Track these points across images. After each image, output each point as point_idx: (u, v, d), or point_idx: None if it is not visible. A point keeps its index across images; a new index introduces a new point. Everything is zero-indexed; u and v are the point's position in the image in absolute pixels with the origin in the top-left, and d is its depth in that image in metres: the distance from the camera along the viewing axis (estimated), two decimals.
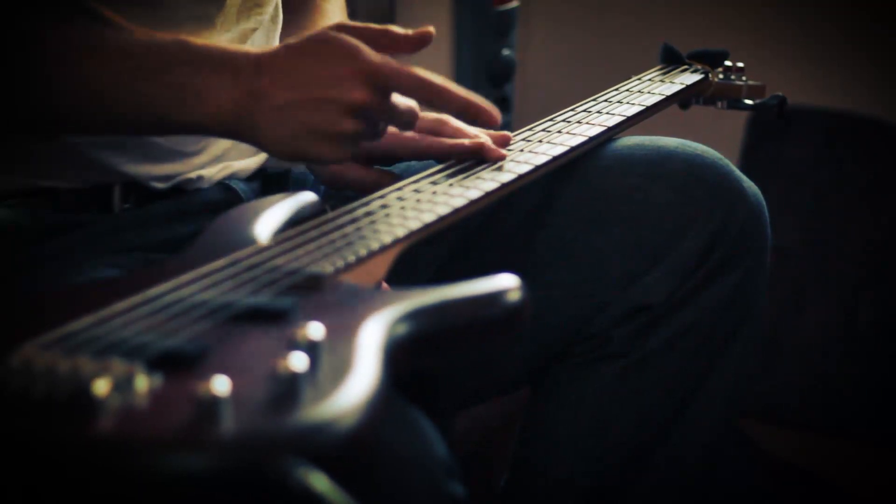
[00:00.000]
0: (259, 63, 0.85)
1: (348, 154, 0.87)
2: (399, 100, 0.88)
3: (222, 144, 1.03)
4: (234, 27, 1.01)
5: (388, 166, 1.03)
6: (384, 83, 0.85)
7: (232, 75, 0.84)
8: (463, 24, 1.20)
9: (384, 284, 0.81)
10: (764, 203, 1.07)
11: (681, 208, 1.03)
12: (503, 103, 1.95)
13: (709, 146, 1.09)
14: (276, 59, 0.85)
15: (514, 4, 1.94)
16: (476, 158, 0.95)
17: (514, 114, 1.98)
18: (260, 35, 1.04)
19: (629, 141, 1.08)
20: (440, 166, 0.94)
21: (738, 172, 1.07)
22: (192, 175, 1.01)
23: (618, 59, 1.15)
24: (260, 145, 0.87)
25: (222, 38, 0.99)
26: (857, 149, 2.01)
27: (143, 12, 0.93)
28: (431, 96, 0.87)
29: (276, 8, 1.06)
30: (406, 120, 0.89)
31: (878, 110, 1.99)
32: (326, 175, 1.05)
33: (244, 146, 1.06)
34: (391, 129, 0.96)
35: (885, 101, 2.00)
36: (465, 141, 0.96)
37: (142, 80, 0.85)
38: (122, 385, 0.57)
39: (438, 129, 0.99)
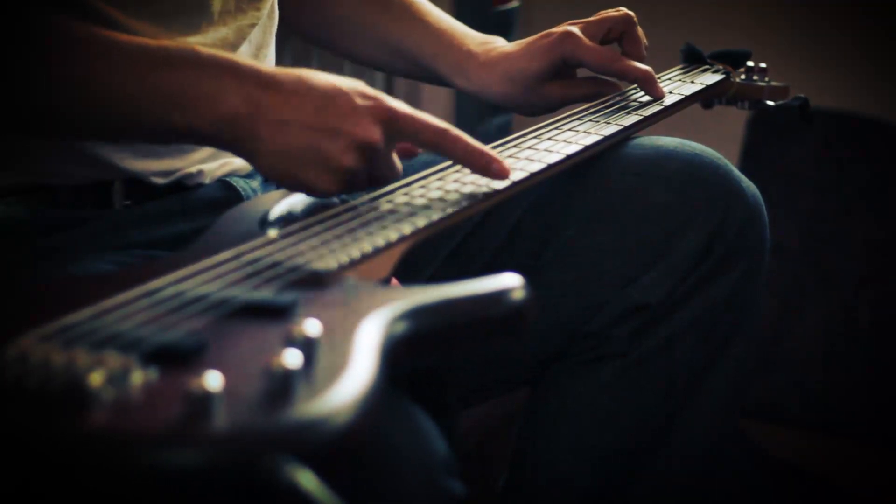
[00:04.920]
0: (269, 78, 0.84)
1: (335, 190, 0.85)
2: (396, 158, 0.88)
3: None
4: (232, 22, 1.01)
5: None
6: (398, 128, 0.85)
7: (236, 82, 0.83)
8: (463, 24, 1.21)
9: (394, 280, 0.81)
10: (762, 203, 1.07)
11: (679, 208, 1.03)
12: None
13: (709, 146, 1.08)
14: (289, 78, 0.84)
15: (514, 4, 1.94)
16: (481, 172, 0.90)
17: (514, 115, 1.98)
18: (257, 31, 1.04)
19: (628, 140, 1.08)
20: (448, 162, 0.93)
21: (736, 172, 1.07)
22: (192, 170, 1.01)
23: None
24: (253, 158, 0.85)
25: (219, 32, 0.99)
26: (857, 149, 2.01)
27: (139, 4, 0.93)
28: (446, 145, 0.87)
29: (272, 4, 1.06)
30: (393, 177, 0.88)
31: (878, 110, 1.99)
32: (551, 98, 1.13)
33: None
34: None
35: (885, 101, 2.00)
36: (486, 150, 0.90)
37: (143, 81, 0.84)
38: (117, 378, 0.57)
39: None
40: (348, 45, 1.21)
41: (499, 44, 1.16)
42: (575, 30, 1.11)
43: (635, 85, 1.13)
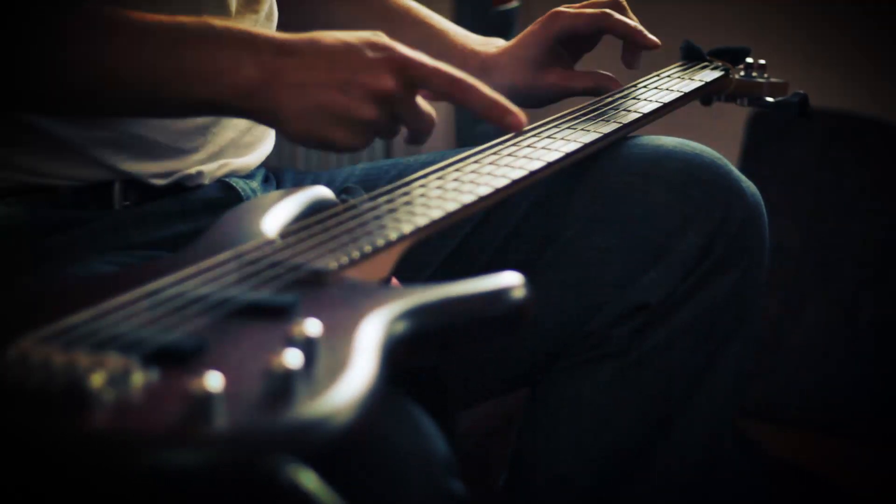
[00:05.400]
0: (284, 45, 0.85)
1: (362, 143, 0.86)
2: (422, 101, 0.88)
3: (220, 141, 1.04)
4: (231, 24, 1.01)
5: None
6: (413, 74, 0.85)
7: (252, 53, 0.84)
8: (463, 24, 1.20)
9: (394, 280, 0.81)
10: (762, 203, 1.07)
11: (679, 208, 1.03)
12: None
13: (709, 146, 1.08)
14: (302, 42, 0.85)
15: (514, 4, 1.94)
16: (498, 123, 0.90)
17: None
18: None
19: (628, 140, 1.08)
20: (448, 161, 0.94)
21: (736, 172, 1.07)
22: (192, 171, 1.01)
23: (618, 60, 1.15)
24: (276, 124, 0.86)
25: None
26: (857, 149, 2.01)
27: (140, 5, 0.93)
28: (460, 93, 0.87)
29: (270, 6, 1.07)
30: (423, 124, 0.88)
31: (878, 110, 1.99)
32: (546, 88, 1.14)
33: (243, 143, 1.06)
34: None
35: (885, 102, 2.00)
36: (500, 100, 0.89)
37: (161, 56, 0.85)
38: (118, 379, 0.57)
39: None
40: None
41: (498, 43, 1.17)
42: (562, 7, 1.13)
43: (635, 83, 1.14)
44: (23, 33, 0.85)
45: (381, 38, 0.87)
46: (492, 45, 1.17)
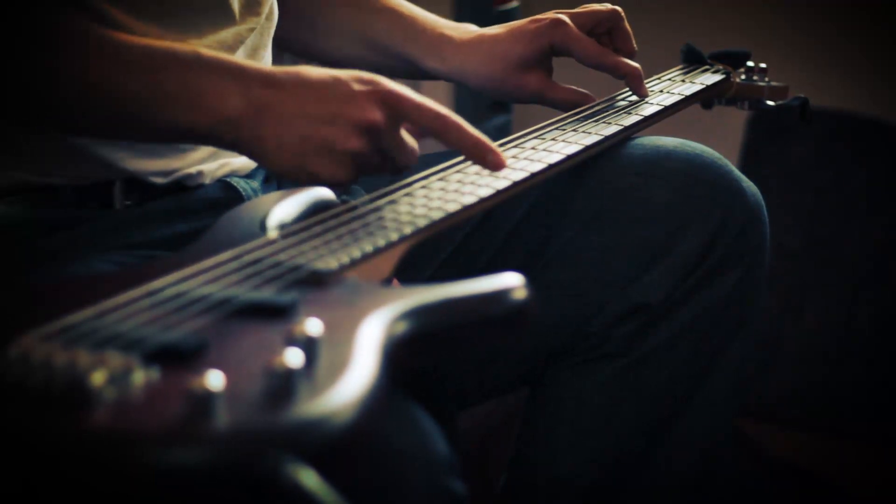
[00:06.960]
0: (271, 77, 0.85)
1: (348, 176, 0.86)
2: (406, 135, 0.88)
3: None
4: (231, 27, 1.01)
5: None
6: (398, 109, 0.85)
7: (240, 84, 0.84)
8: None
9: (395, 281, 0.81)
10: (763, 203, 1.07)
11: (680, 208, 1.03)
12: (502, 104, 1.95)
13: (709, 146, 1.08)
14: (289, 75, 0.85)
15: (514, 4, 1.94)
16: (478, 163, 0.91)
17: (514, 114, 1.98)
18: (255, 34, 1.04)
19: (628, 140, 1.08)
20: (449, 162, 0.94)
21: (737, 172, 1.07)
22: (192, 170, 1.01)
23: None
24: (261, 158, 0.87)
25: (218, 36, 0.99)
26: (857, 149, 2.01)
27: (141, 6, 0.93)
28: (444, 130, 0.87)
29: (271, 7, 1.07)
30: (406, 157, 0.88)
31: (877, 110, 1.99)
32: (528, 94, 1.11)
33: None
34: None
35: (884, 102, 2.00)
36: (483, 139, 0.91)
37: (148, 83, 0.85)
38: (119, 378, 0.57)
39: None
40: (322, 44, 1.20)
41: (471, 28, 1.16)
42: (566, 18, 1.11)
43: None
44: (12, 50, 0.85)
45: (365, 73, 0.87)
46: (463, 29, 1.15)
